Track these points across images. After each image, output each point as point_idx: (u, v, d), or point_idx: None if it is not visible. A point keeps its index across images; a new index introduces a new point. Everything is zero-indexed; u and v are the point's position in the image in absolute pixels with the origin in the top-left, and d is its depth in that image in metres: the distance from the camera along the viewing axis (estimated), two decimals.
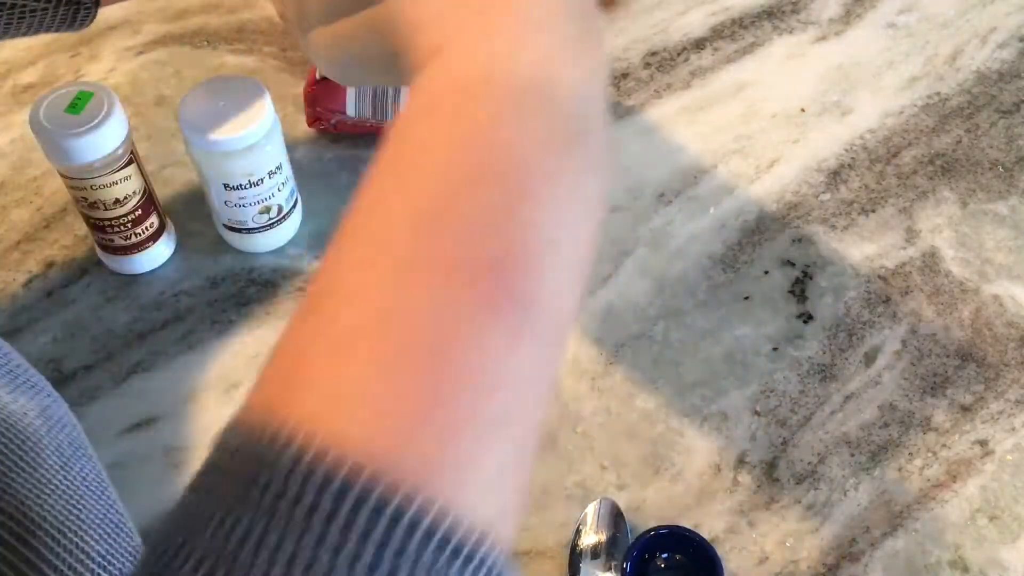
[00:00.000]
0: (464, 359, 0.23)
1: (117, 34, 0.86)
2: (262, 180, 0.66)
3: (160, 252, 0.71)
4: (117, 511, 0.43)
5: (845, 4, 0.89)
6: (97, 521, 0.40)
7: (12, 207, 0.75)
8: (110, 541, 0.39)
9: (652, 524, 0.58)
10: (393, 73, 0.31)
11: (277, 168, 0.67)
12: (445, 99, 0.27)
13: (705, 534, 0.57)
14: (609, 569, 0.57)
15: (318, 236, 0.73)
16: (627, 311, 0.69)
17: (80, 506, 0.39)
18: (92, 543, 0.37)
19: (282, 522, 0.20)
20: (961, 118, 0.81)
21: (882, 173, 0.77)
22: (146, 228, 0.68)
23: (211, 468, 0.24)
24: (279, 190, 0.68)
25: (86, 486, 0.41)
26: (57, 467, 0.39)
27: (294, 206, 0.71)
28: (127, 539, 0.43)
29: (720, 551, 0.57)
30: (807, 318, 0.69)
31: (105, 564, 0.37)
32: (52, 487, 0.37)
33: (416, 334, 0.23)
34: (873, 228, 0.74)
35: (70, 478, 0.39)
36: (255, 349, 0.67)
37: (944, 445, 0.63)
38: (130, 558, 0.41)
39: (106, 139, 0.62)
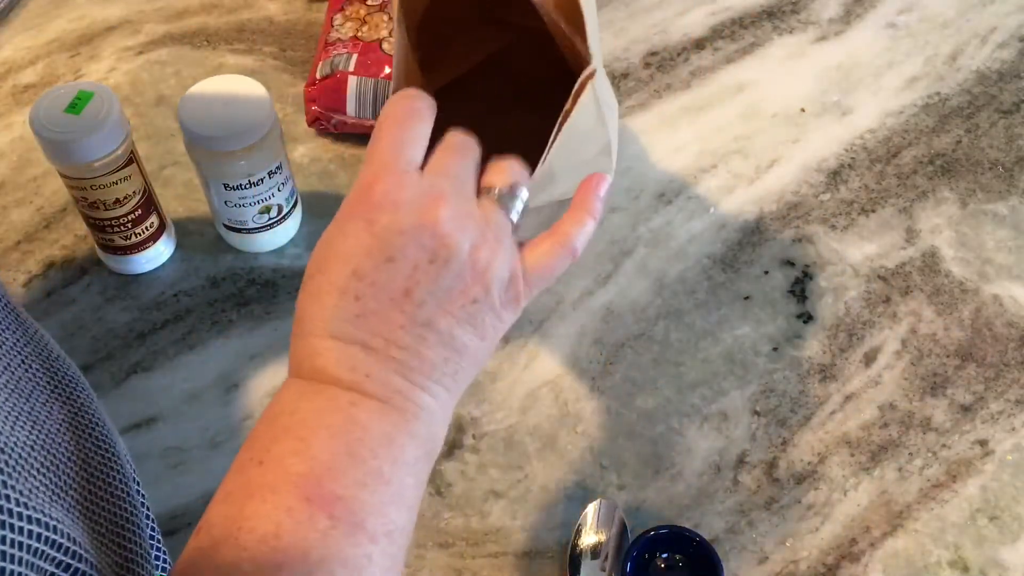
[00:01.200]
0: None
1: (117, 34, 0.86)
2: (262, 180, 0.66)
3: (160, 252, 0.71)
4: (136, 522, 0.45)
5: (845, 4, 0.89)
6: (124, 523, 0.43)
7: (12, 207, 0.75)
8: (126, 551, 0.42)
9: (652, 524, 0.58)
10: None
11: (277, 168, 0.67)
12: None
13: (705, 534, 0.57)
14: (609, 569, 0.57)
15: (318, 236, 0.73)
16: (627, 311, 0.69)
17: (105, 522, 0.41)
18: (111, 553, 0.40)
19: None
20: (961, 118, 0.81)
21: (882, 173, 0.77)
22: (146, 228, 0.68)
23: None
24: (279, 190, 0.68)
25: (111, 491, 0.43)
26: (83, 481, 0.40)
27: (294, 206, 0.71)
28: (143, 546, 0.44)
29: (720, 551, 0.57)
30: (807, 318, 0.69)
31: (122, 572, 0.39)
32: (82, 508, 0.39)
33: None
34: (873, 228, 0.74)
35: (95, 494, 0.41)
36: (255, 349, 0.67)
37: (944, 445, 0.63)
38: (144, 563, 0.43)
39: (106, 139, 0.62)
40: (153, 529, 0.48)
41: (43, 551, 0.33)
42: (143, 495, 0.47)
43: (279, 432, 0.37)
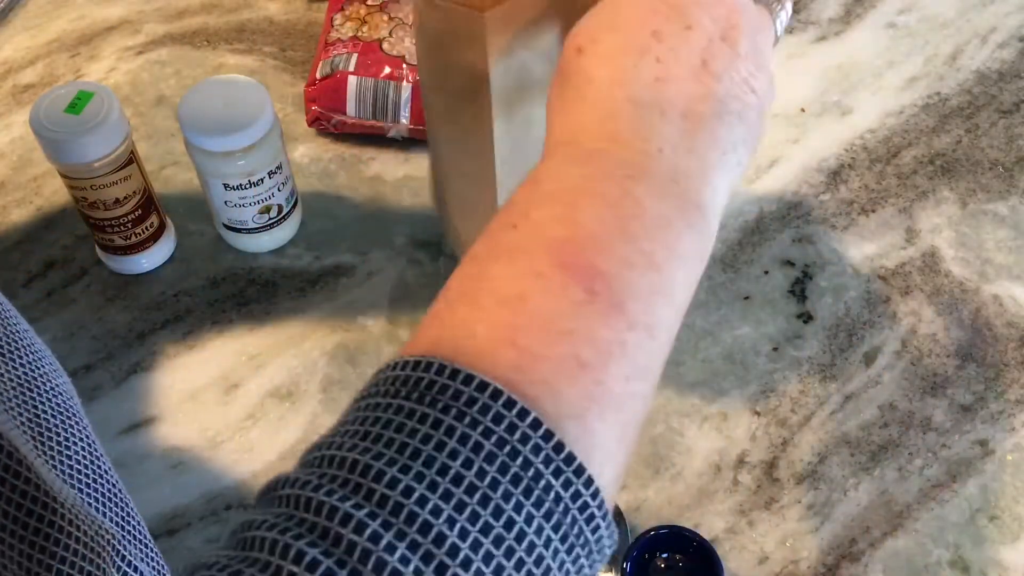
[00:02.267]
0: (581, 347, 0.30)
1: (117, 34, 0.86)
2: (262, 180, 0.66)
3: (160, 252, 0.71)
4: (108, 481, 0.43)
5: (845, 4, 0.89)
6: (87, 488, 0.40)
7: (12, 207, 0.75)
8: (99, 504, 0.40)
9: (652, 524, 0.58)
10: None
11: (277, 168, 0.67)
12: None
13: (705, 534, 0.57)
14: (609, 570, 0.57)
15: (318, 236, 0.73)
16: None
17: (65, 472, 0.39)
18: (80, 504, 0.38)
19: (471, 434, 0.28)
20: (961, 118, 0.81)
21: (882, 173, 0.77)
22: (146, 228, 0.68)
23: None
24: (279, 190, 0.68)
25: (69, 454, 0.41)
26: (34, 434, 0.38)
27: (294, 206, 0.71)
28: (119, 506, 0.43)
29: (720, 551, 0.57)
30: (807, 318, 0.69)
31: (91, 521, 0.38)
32: (34, 450, 0.37)
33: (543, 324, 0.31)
34: (873, 228, 0.74)
35: (49, 446, 0.39)
36: (255, 349, 0.67)
37: (944, 445, 0.63)
38: (121, 523, 0.42)
39: (106, 139, 0.62)
40: (140, 527, 0.47)
41: None
42: (122, 490, 0.46)
43: (541, 197, 0.34)
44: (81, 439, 0.42)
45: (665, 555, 0.56)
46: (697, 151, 0.35)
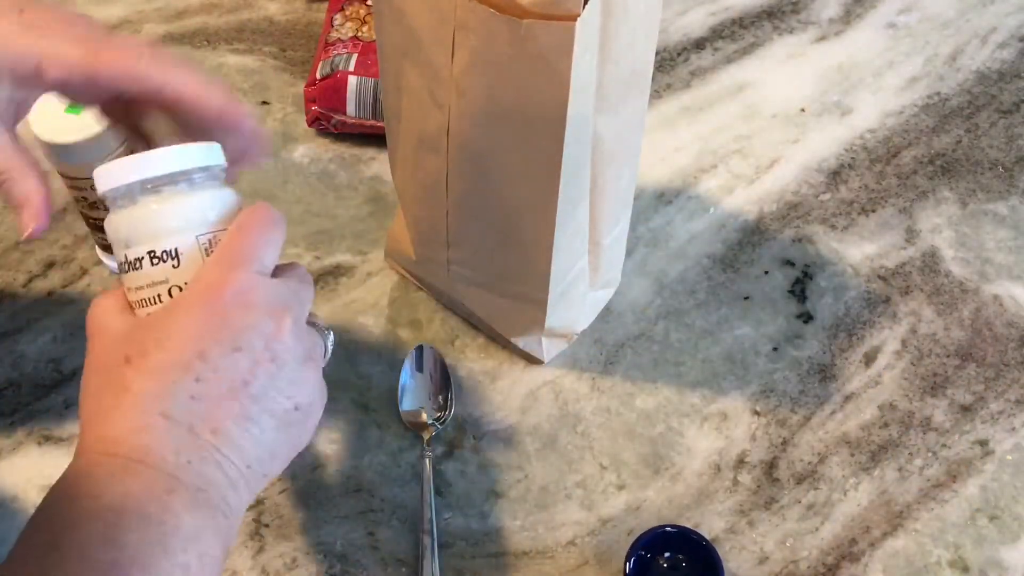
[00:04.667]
0: None
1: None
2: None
3: None
4: None
5: (845, 4, 0.89)
6: None
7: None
8: None
9: (652, 524, 0.58)
10: None
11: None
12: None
13: (705, 534, 0.57)
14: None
15: (318, 236, 0.73)
16: (627, 311, 0.69)
17: None
18: None
19: None
20: (961, 118, 0.81)
21: (882, 173, 0.77)
22: None
23: None
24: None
25: None
26: None
27: None
28: None
29: (720, 551, 0.57)
30: (807, 318, 0.69)
31: None
32: None
33: None
34: (873, 228, 0.74)
35: None
36: None
37: (944, 445, 0.63)
38: None
39: (106, 139, 0.61)
40: None
41: None
42: None
43: (82, 515, 0.36)
44: None
45: (666, 554, 0.56)
46: (223, 463, 0.39)
